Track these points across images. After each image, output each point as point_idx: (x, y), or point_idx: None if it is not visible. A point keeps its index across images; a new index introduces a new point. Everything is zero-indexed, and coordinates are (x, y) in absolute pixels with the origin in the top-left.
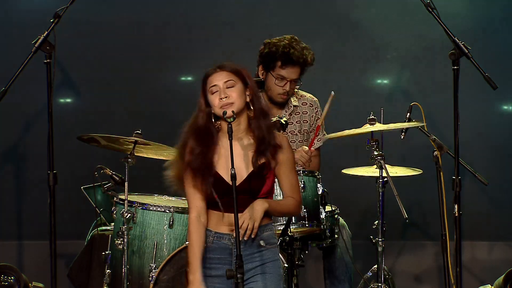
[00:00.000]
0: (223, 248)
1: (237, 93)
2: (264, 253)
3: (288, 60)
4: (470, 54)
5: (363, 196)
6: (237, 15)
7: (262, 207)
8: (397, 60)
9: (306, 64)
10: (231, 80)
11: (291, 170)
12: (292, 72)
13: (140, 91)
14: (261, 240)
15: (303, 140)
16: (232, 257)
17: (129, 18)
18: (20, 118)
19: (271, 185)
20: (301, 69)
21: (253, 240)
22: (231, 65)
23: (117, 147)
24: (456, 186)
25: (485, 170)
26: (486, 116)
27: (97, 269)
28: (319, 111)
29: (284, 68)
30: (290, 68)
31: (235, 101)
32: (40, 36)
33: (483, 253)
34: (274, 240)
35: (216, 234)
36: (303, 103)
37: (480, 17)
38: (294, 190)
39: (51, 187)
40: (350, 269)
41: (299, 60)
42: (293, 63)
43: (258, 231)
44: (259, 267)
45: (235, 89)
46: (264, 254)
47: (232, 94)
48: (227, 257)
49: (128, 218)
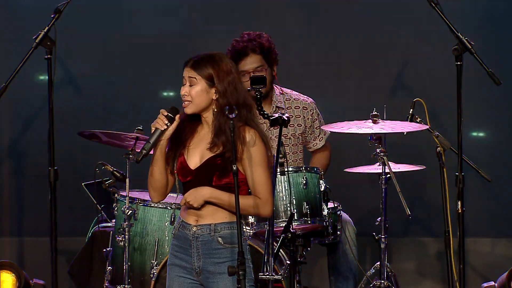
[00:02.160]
0: (185, 237)
1: (196, 93)
2: (223, 251)
3: (238, 54)
4: (473, 49)
5: (366, 193)
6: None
7: (205, 193)
8: (400, 54)
9: (263, 49)
10: (194, 79)
11: (256, 167)
12: (248, 62)
13: (141, 86)
14: (219, 237)
15: (297, 144)
16: (192, 250)
17: (131, 14)
18: (21, 113)
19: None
20: (262, 55)
21: (211, 236)
22: (203, 64)
23: (118, 143)
24: (459, 183)
25: (488, 166)
26: (490, 112)
27: (98, 266)
28: (314, 113)
29: (239, 63)
30: (244, 61)
31: (193, 100)
32: (40, 32)
33: (487, 250)
34: (235, 239)
35: (182, 223)
36: (296, 106)
37: (484, 12)
38: (259, 188)
39: (51, 183)
40: (354, 265)
41: (248, 49)
42: (244, 54)
43: (217, 227)
44: (217, 265)
45: (194, 88)
46: (223, 253)
47: (191, 93)
48: (188, 248)
49: (129, 214)
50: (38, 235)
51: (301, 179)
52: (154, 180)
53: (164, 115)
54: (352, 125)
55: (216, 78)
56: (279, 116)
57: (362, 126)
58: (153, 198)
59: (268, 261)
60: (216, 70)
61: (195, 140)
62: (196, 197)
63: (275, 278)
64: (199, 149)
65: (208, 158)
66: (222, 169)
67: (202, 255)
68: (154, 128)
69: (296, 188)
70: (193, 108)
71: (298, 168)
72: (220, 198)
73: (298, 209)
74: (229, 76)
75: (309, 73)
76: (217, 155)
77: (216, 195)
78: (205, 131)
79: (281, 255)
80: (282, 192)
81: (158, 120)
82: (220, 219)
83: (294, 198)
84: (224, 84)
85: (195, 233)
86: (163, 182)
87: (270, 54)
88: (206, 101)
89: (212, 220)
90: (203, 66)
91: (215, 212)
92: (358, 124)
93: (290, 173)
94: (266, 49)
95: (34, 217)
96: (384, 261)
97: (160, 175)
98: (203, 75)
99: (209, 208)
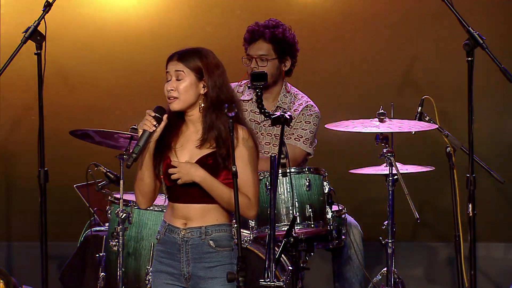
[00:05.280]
0: (172, 242)
1: (184, 87)
2: (214, 255)
3: (249, 37)
4: (485, 44)
5: (372, 195)
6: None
7: (198, 174)
8: (408, 51)
9: (276, 40)
10: (182, 73)
11: (246, 166)
12: (255, 48)
13: (135, 85)
14: (210, 241)
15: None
16: (181, 254)
17: (124, 10)
18: (9, 112)
19: (226, 178)
20: (272, 45)
21: (202, 240)
22: (190, 57)
23: (112, 143)
24: (470, 185)
25: (501, 167)
26: (502, 111)
27: (91, 272)
28: (310, 116)
29: (248, 46)
30: (253, 45)
31: (180, 96)
32: (30, 26)
33: (499, 255)
34: (228, 243)
35: (169, 226)
36: (295, 110)
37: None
38: (247, 188)
39: (42, 185)
40: (360, 271)
41: (260, 35)
42: (255, 39)
43: (208, 230)
44: (208, 269)
45: (183, 82)
46: (214, 257)
47: (179, 87)
48: (176, 253)
49: (124, 218)
50: (27, 240)
51: (304, 181)
52: (143, 184)
53: (152, 116)
54: (358, 124)
55: (205, 71)
56: (281, 115)
57: (368, 125)
58: (141, 204)
59: (269, 267)
60: (205, 62)
61: (180, 141)
62: (188, 173)
63: (277, 285)
64: (187, 149)
65: (198, 158)
66: (214, 168)
67: (192, 259)
68: (142, 130)
69: (298, 190)
70: (180, 104)
71: (301, 169)
72: (211, 186)
73: (300, 212)
74: (218, 70)
75: (314, 70)
76: (208, 154)
77: (208, 181)
78: (191, 131)
79: (283, 260)
80: (284, 195)
81: (145, 121)
82: (210, 222)
83: (297, 201)
84: (214, 77)
85: (184, 236)
86: (153, 186)
87: (282, 46)
88: (194, 96)
89: (202, 223)
90: (190, 58)
91: (205, 214)
92: (364, 123)
93: (292, 174)
94: (278, 40)
95: (23, 220)
96: (391, 267)
97: (150, 179)
98: (191, 67)
99: (198, 210)
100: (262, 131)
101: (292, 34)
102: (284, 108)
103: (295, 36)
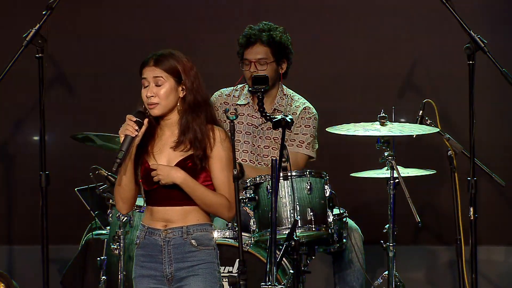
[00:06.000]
0: (154, 244)
1: (165, 93)
2: (196, 254)
3: (246, 41)
4: (486, 48)
5: (373, 198)
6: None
7: (179, 176)
8: (410, 53)
9: (273, 43)
10: (161, 78)
11: (223, 167)
12: (252, 52)
13: (137, 88)
14: (192, 240)
15: None
16: (163, 255)
17: (126, 14)
18: (10, 116)
19: (205, 180)
20: (270, 48)
21: (184, 239)
22: (167, 61)
23: (113, 147)
24: (471, 188)
25: (502, 171)
26: (504, 114)
27: (92, 275)
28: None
29: (245, 50)
30: (250, 49)
31: (161, 101)
32: (31, 29)
33: (500, 258)
34: (210, 242)
35: (148, 229)
36: (293, 113)
37: (497, 9)
38: (226, 189)
39: (43, 189)
40: (361, 275)
41: (257, 39)
42: (252, 43)
43: (189, 229)
44: (190, 268)
45: (163, 87)
46: (196, 255)
47: (160, 93)
48: (158, 255)
49: (125, 221)
50: (28, 243)
51: (305, 184)
52: (124, 190)
53: (133, 121)
54: (359, 127)
55: (183, 73)
56: (282, 118)
57: (370, 129)
58: (123, 210)
59: (270, 270)
60: (181, 65)
61: (158, 145)
62: (169, 175)
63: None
64: (164, 153)
65: (177, 162)
66: (193, 171)
67: (174, 259)
68: (124, 135)
69: (299, 194)
70: (161, 109)
71: (302, 172)
72: (192, 188)
73: (302, 215)
74: (192, 71)
75: (315, 73)
76: (186, 157)
77: (189, 182)
78: (167, 135)
79: (284, 264)
80: (285, 198)
81: (127, 126)
82: (191, 222)
83: (298, 204)
84: (191, 79)
85: (166, 237)
86: (133, 192)
87: (280, 49)
88: (174, 100)
89: (183, 223)
90: (167, 63)
91: (186, 215)
92: (365, 127)
93: (293, 178)
94: (276, 43)
95: (25, 224)
96: (393, 270)
97: (131, 184)
98: (170, 72)
99: (179, 212)
100: (261, 135)
101: (287, 37)
102: (281, 110)
103: (289, 38)
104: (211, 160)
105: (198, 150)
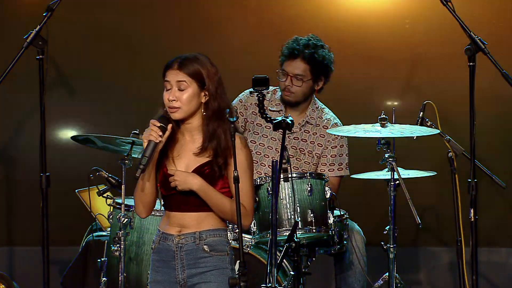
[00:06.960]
0: (167, 249)
1: (187, 98)
2: (209, 260)
3: (288, 54)
4: (487, 49)
5: (374, 200)
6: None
7: (196, 182)
8: (411, 54)
9: (315, 62)
10: (185, 83)
11: (242, 173)
12: (292, 66)
13: (138, 90)
14: (205, 245)
15: (310, 163)
16: (176, 261)
17: (126, 16)
18: (11, 117)
19: (223, 187)
20: (310, 66)
21: (197, 245)
22: (191, 65)
23: (114, 148)
24: (472, 190)
25: (502, 172)
26: (504, 116)
27: (92, 277)
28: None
29: (285, 61)
30: (290, 62)
31: (183, 106)
32: (32, 31)
33: (501, 260)
34: (223, 247)
35: (163, 235)
36: (317, 125)
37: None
38: (243, 197)
39: (43, 190)
40: (362, 276)
41: (299, 54)
42: (293, 57)
43: (202, 234)
44: (202, 274)
45: (186, 92)
46: (208, 261)
47: (182, 98)
48: (171, 260)
49: (125, 223)
50: (29, 244)
51: (305, 186)
52: (146, 195)
53: (157, 126)
54: (359, 129)
55: (207, 78)
56: (282, 120)
57: (370, 130)
58: (142, 213)
59: (271, 272)
60: (206, 70)
61: (177, 149)
62: (185, 181)
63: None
64: (184, 158)
65: (195, 168)
66: (210, 178)
67: (187, 265)
68: (147, 140)
69: (300, 195)
70: (183, 114)
71: (302, 174)
72: (209, 194)
73: (302, 217)
74: (216, 76)
75: None
76: (205, 163)
77: (205, 189)
78: (187, 139)
79: (285, 265)
80: (285, 200)
81: (151, 132)
82: (205, 227)
83: (298, 206)
84: (215, 84)
85: (179, 242)
86: (154, 196)
87: (320, 68)
88: (196, 105)
89: (197, 229)
90: (191, 67)
91: (201, 221)
92: (366, 128)
93: (294, 179)
94: (317, 62)
95: (25, 225)
96: (393, 272)
97: (153, 188)
98: (193, 76)
99: (194, 218)
100: (286, 143)
101: (330, 56)
102: (312, 123)
103: (332, 57)
104: (229, 167)
105: (219, 158)
